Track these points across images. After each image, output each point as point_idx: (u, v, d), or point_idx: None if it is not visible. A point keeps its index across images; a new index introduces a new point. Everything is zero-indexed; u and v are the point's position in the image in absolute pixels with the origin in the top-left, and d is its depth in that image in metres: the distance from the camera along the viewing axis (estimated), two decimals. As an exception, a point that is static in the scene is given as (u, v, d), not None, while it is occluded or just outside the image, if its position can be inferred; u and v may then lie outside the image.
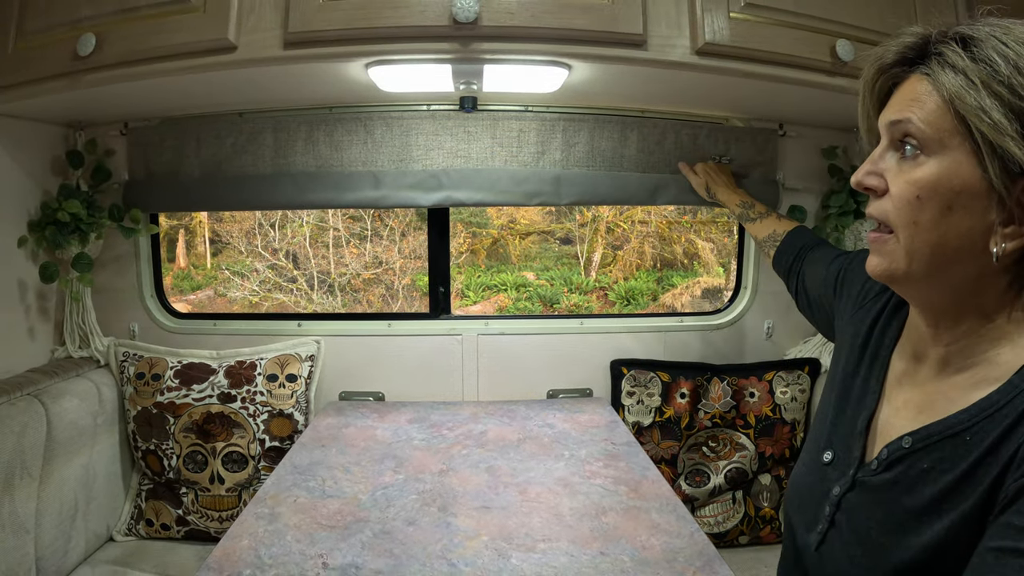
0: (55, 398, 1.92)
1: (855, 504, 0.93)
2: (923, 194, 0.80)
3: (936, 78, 0.80)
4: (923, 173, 0.80)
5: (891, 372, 1.01)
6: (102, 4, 1.67)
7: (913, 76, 0.84)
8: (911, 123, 0.81)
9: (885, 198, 0.85)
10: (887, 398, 0.99)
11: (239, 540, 1.34)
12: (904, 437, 0.88)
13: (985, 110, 0.75)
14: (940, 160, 0.79)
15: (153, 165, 2.25)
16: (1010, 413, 0.76)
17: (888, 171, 0.85)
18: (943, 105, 0.79)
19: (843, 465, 0.98)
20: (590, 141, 2.24)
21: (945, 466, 0.81)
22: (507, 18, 1.54)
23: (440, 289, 2.44)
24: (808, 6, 1.71)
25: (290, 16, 1.56)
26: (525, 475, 1.67)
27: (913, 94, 0.83)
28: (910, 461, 0.86)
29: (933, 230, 0.81)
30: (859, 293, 1.17)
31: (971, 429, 0.80)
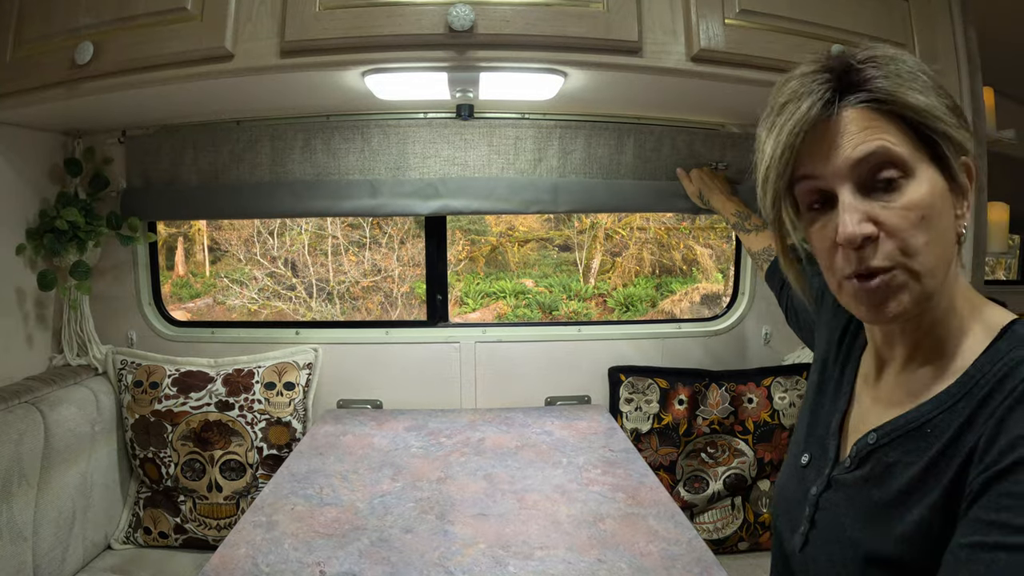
0: (53, 406, 1.92)
1: (831, 503, 0.95)
2: (926, 212, 0.80)
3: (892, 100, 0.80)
4: (916, 194, 0.80)
5: (860, 373, 1.04)
6: (100, 12, 1.68)
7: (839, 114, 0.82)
8: (889, 149, 0.80)
9: (882, 241, 0.81)
10: (857, 398, 1.02)
11: (237, 548, 1.34)
12: (870, 433, 0.91)
13: (939, 111, 0.79)
14: (918, 176, 0.80)
15: (151, 173, 2.25)
16: (967, 405, 0.79)
17: (873, 212, 0.81)
18: (898, 123, 0.80)
19: (819, 466, 1.00)
20: (587, 148, 2.25)
21: (910, 459, 0.83)
22: (502, 26, 1.55)
23: (438, 297, 2.44)
24: (803, 12, 1.72)
25: (287, 25, 1.57)
26: (523, 482, 1.66)
27: (860, 125, 0.81)
28: (877, 456, 0.88)
29: (938, 241, 0.81)
30: (834, 302, 1.13)
31: (932, 422, 0.82)
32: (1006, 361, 0.78)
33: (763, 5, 1.69)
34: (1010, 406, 0.74)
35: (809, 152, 0.83)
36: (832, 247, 0.84)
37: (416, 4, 1.54)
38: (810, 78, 0.83)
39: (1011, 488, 0.70)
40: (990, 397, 0.77)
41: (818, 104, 0.81)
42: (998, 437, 0.73)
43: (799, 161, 0.84)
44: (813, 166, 0.83)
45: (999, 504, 0.70)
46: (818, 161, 0.83)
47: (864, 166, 0.80)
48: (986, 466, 0.73)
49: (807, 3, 1.73)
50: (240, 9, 1.60)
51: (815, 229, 0.87)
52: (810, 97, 0.82)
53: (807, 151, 0.83)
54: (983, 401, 0.78)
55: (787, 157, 0.83)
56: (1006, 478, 0.71)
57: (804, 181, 0.85)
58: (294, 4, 1.57)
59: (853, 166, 0.80)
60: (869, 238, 0.80)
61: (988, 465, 0.73)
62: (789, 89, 0.85)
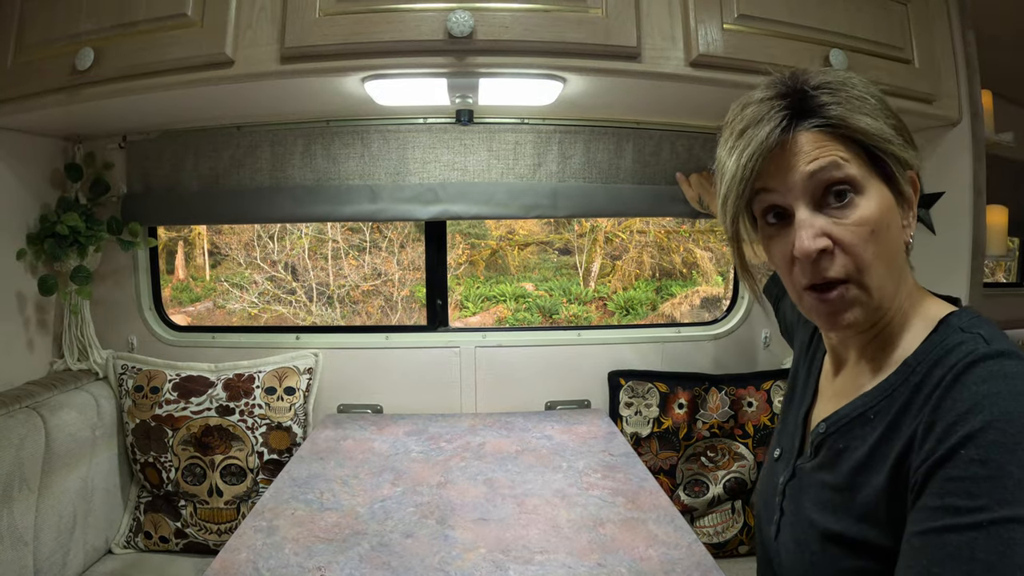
0: (54, 410, 1.92)
1: (795, 490, 1.02)
2: (876, 227, 0.86)
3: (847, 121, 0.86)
4: (867, 210, 0.86)
5: (824, 370, 1.11)
6: (101, 18, 1.69)
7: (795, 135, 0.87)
8: (839, 166, 0.86)
9: (835, 254, 0.87)
10: (820, 394, 1.10)
11: (237, 553, 1.34)
12: (820, 423, 0.99)
13: (886, 133, 0.87)
14: (868, 193, 0.87)
15: (151, 178, 2.26)
16: (904, 391, 0.86)
17: (827, 228, 0.86)
18: (848, 143, 0.87)
19: (787, 458, 1.08)
20: (586, 153, 2.25)
21: (856, 444, 0.91)
22: (501, 32, 1.55)
23: (438, 302, 2.44)
24: (801, 16, 1.73)
25: (287, 31, 1.58)
26: (523, 487, 1.67)
27: (814, 145, 0.87)
28: (829, 444, 0.96)
29: (885, 253, 0.88)
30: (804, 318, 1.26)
31: (873, 408, 0.90)
32: (939, 349, 0.85)
33: (761, 10, 1.69)
34: (942, 393, 0.79)
35: (767, 171, 0.89)
36: (790, 260, 0.90)
37: (415, 10, 1.55)
38: (767, 105, 0.89)
39: (952, 473, 0.74)
40: (924, 383, 0.83)
41: (776, 131, 0.87)
42: (935, 424, 0.78)
43: (758, 177, 0.89)
44: (771, 182, 0.89)
45: (943, 489, 0.74)
46: (776, 178, 0.88)
47: (817, 181, 0.86)
48: (926, 455, 0.78)
49: (805, 8, 1.73)
50: (240, 15, 1.61)
51: (774, 243, 0.93)
52: (768, 124, 0.87)
53: (765, 170, 0.89)
54: (918, 387, 0.84)
55: (747, 179, 0.88)
56: (947, 464, 0.75)
57: (762, 194, 0.91)
58: (294, 10, 1.58)
59: (807, 180, 0.86)
60: (824, 251, 0.86)
61: (928, 454, 0.78)
62: (748, 114, 0.90)
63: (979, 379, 0.77)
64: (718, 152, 0.97)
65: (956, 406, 0.77)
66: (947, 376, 0.80)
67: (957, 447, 0.75)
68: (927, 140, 2.06)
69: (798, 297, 0.93)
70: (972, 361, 0.79)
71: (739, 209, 0.92)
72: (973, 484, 0.72)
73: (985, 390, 0.76)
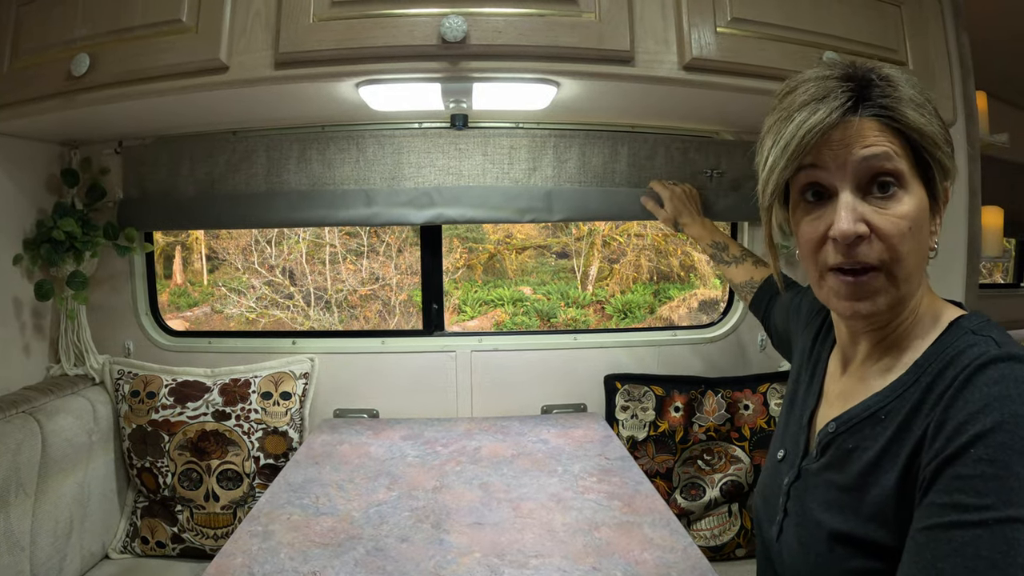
0: (50, 415, 1.92)
1: (801, 490, 1.02)
2: (913, 225, 0.88)
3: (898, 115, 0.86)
4: (909, 206, 0.87)
5: (829, 370, 1.12)
6: (96, 24, 1.70)
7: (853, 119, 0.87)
8: (891, 159, 0.86)
9: (872, 241, 0.87)
10: (825, 395, 1.10)
11: (233, 558, 1.34)
12: (830, 423, 0.99)
13: (937, 136, 0.88)
14: (910, 190, 0.88)
15: (147, 183, 2.26)
16: (915, 392, 0.86)
17: (867, 215, 0.87)
18: (902, 140, 0.88)
19: (792, 459, 1.08)
20: (581, 157, 2.26)
21: (867, 444, 0.91)
22: (495, 36, 1.56)
23: (433, 306, 2.44)
24: (795, 19, 1.73)
25: (281, 37, 1.58)
26: (518, 491, 1.67)
27: (868, 133, 0.87)
28: (837, 443, 0.96)
29: (917, 252, 0.89)
30: (808, 313, 1.29)
31: (884, 408, 0.90)
32: (950, 350, 0.86)
33: (755, 13, 1.70)
34: (954, 393, 0.80)
35: (820, 146, 0.89)
36: (821, 239, 0.91)
37: (409, 15, 1.55)
38: (833, 83, 0.89)
39: (961, 471, 0.76)
40: (935, 384, 0.84)
41: (840, 110, 0.87)
42: (945, 423, 0.79)
43: (808, 152, 0.89)
44: (821, 159, 0.89)
45: (951, 487, 0.76)
46: (826, 156, 0.88)
47: (867, 167, 0.87)
48: (935, 452, 0.79)
49: (799, 11, 1.74)
50: (235, 21, 1.61)
51: (806, 220, 0.93)
52: (834, 101, 0.87)
53: (818, 145, 0.88)
54: (929, 387, 0.85)
55: (801, 151, 0.89)
56: (955, 462, 0.76)
57: (807, 170, 0.91)
58: (288, 16, 1.58)
59: (859, 164, 0.87)
60: (861, 237, 0.86)
61: (937, 452, 0.79)
62: (812, 88, 0.90)
63: (990, 380, 0.78)
64: (766, 121, 0.97)
65: (967, 406, 0.78)
66: (959, 376, 0.81)
67: (967, 446, 0.76)
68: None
69: (819, 277, 0.94)
70: (984, 363, 0.80)
71: (784, 180, 0.93)
72: (981, 483, 0.74)
73: (996, 392, 0.77)
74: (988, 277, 5.74)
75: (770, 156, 0.94)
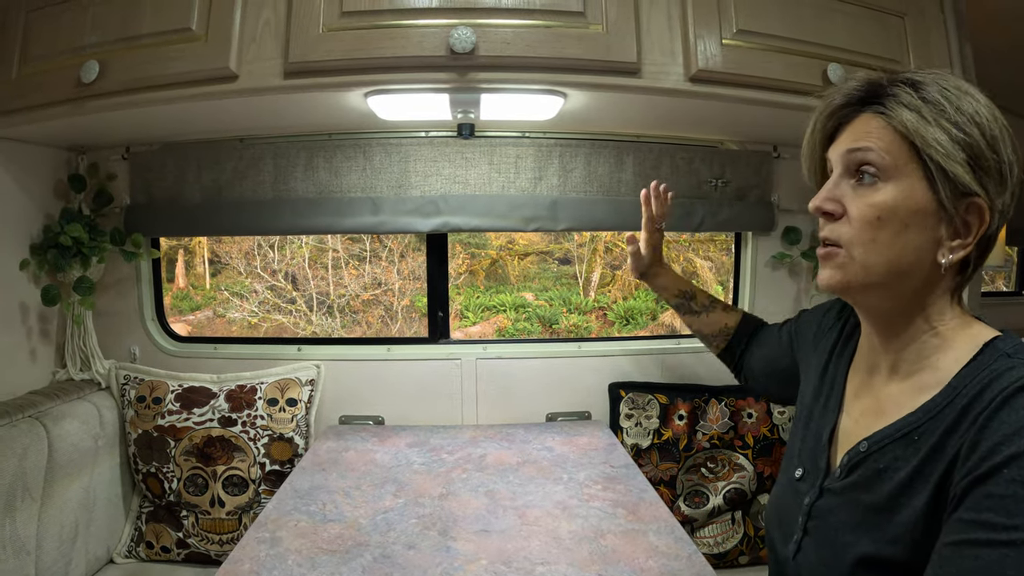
0: (56, 420, 1.93)
1: (823, 510, 1.02)
2: (883, 215, 0.92)
3: (893, 115, 0.92)
4: (883, 196, 0.92)
5: (848, 388, 1.13)
6: (106, 31, 1.70)
7: (864, 114, 0.96)
8: (871, 151, 0.93)
9: (841, 221, 0.95)
10: (846, 411, 1.10)
11: (241, 564, 1.34)
12: (861, 442, 0.98)
13: (938, 141, 0.89)
14: (897, 185, 0.92)
15: (154, 190, 2.27)
16: (950, 413, 0.86)
17: (844, 197, 0.96)
18: (898, 137, 0.92)
19: (812, 477, 1.07)
20: (587, 166, 2.27)
21: (899, 465, 0.91)
22: (503, 48, 1.57)
23: (439, 314, 2.45)
24: (799, 31, 1.74)
25: (290, 46, 1.59)
26: (524, 498, 1.67)
27: (868, 128, 0.95)
28: (868, 463, 0.96)
29: (891, 246, 0.92)
30: (815, 335, 1.30)
31: (918, 429, 0.90)
32: (987, 373, 0.86)
33: (760, 25, 1.71)
34: (990, 414, 0.81)
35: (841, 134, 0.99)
36: None
37: (418, 26, 1.57)
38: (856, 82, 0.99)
39: (992, 490, 0.76)
40: (971, 405, 0.84)
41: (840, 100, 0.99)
42: (979, 443, 0.80)
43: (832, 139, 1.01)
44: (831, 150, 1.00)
45: (982, 505, 0.77)
46: (834, 146, 1.00)
47: (851, 158, 0.95)
48: (968, 470, 0.80)
49: (803, 22, 1.75)
50: (244, 30, 1.62)
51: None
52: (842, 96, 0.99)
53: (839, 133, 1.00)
54: (965, 409, 0.85)
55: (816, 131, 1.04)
56: (987, 481, 0.77)
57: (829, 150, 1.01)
58: (298, 26, 1.59)
59: (843, 154, 0.96)
60: (830, 214, 0.96)
61: (970, 469, 0.80)
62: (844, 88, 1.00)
63: None
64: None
65: (1002, 427, 0.79)
66: (996, 399, 0.81)
67: (1000, 466, 0.77)
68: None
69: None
70: (1022, 386, 0.80)
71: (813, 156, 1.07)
72: (1013, 503, 0.74)
73: None
74: (991, 284, 5.75)
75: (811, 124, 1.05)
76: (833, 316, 1.27)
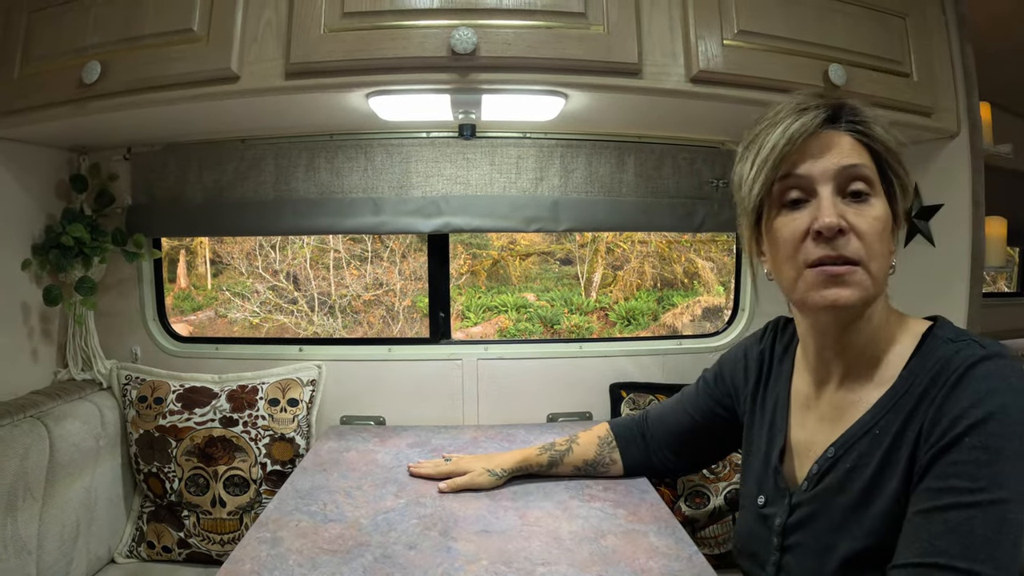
0: (58, 420, 1.93)
1: (799, 524, 1.06)
2: (883, 228, 0.98)
3: (873, 133, 0.99)
4: (879, 211, 0.98)
5: (793, 405, 1.18)
6: (107, 32, 1.71)
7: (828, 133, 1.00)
8: (865, 167, 0.98)
9: (850, 237, 0.96)
10: (796, 426, 1.16)
11: (242, 564, 1.34)
12: (829, 448, 1.04)
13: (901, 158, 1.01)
14: (878, 199, 0.99)
15: (156, 190, 2.28)
16: (907, 402, 0.94)
17: (845, 213, 0.96)
18: (871, 154, 1.00)
19: (776, 500, 1.13)
20: (588, 167, 2.27)
21: (866, 461, 0.98)
22: (504, 49, 1.57)
23: (440, 314, 2.45)
24: (800, 32, 1.74)
25: (292, 47, 1.59)
26: (524, 499, 1.67)
27: (843, 146, 0.99)
28: (838, 467, 1.02)
29: (886, 256, 0.99)
30: (742, 374, 1.37)
31: (879, 423, 0.97)
32: (936, 359, 0.94)
33: (761, 26, 1.71)
34: (946, 393, 0.89)
35: (800, 154, 0.99)
36: (802, 235, 0.98)
37: (419, 27, 1.57)
38: (812, 100, 1.02)
39: (955, 457, 0.85)
40: (927, 391, 0.92)
41: (818, 120, 0.99)
42: (939, 420, 0.88)
43: (789, 162, 1.00)
44: (803, 166, 0.99)
45: (947, 472, 0.85)
46: (808, 162, 0.99)
47: (847, 175, 0.97)
48: (931, 445, 0.88)
49: (804, 23, 1.75)
50: (246, 31, 1.63)
51: (786, 221, 1.02)
52: (813, 113, 1.00)
53: (799, 153, 1.00)
54: (922, 396, 0.93)
55: (785, 153, 0.99)
56: (951, 450, 0.85)
57: (787, 179, 1.01)
58: (299, 26, 1.59)
59: (840, 171, 0.97)
60: (842, 231, 0.95)
61: (933, 444, 0.87)
62: (791, 105, 1.03)
63: (980, 377, 0.87)
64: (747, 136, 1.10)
65: (960, 402, 0.87)
66: (950, 379, 0.89)
67: (961, 435, 0.85)
68: (926, 153, 2.07)
69: (797, 276, 1.00)
70: (973, 363, 0.88)
71: (772, 178, 1.02)
72: (975, 468, 0.83)
73: (986, 386, 0.86)
74: (992, 285, 5.74)
75: (757, 160, 1.03)
76: (754, 353, 1.35)
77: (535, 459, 1.73)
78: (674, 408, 1.62)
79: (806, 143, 0.99)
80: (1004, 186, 2.38)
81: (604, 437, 1.73)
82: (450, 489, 1.67)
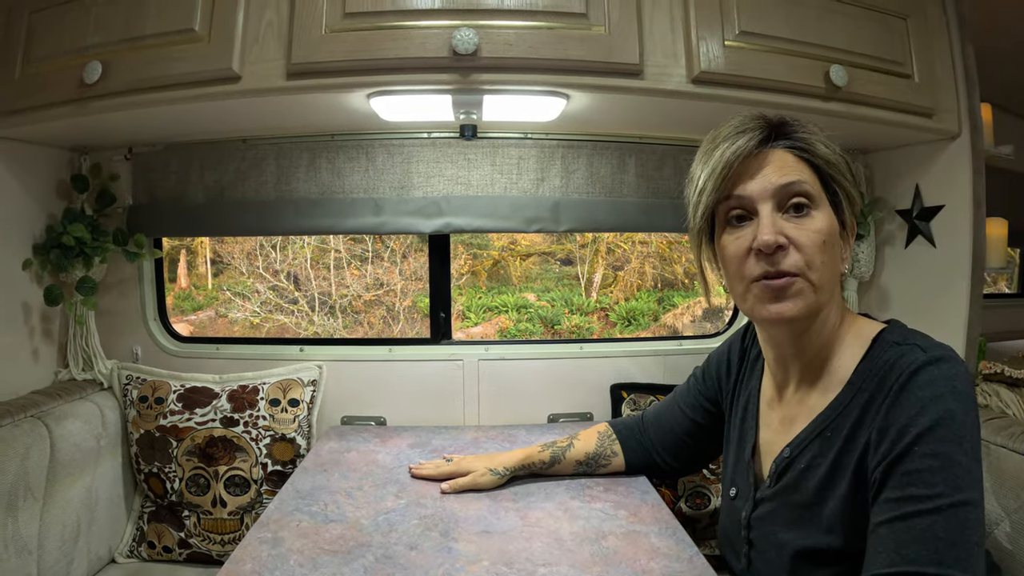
0: (59, 420, 1.93)
1: (760, 518, 1.13)
2: (827, 239, 1.01)
3: (814, 149, 1.05)
4: (821, 223, 1.02)
5: (762, 404, 1.24)
6: (109, 32, 1.71)
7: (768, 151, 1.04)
8: (805, 183, 1.02)
9: (791, 251, 1.00)
10: (765, 425, 1.21)
11: (243, 564, 1.34)
12: (784, 449, 1.10)
13: (840, 171, 1.06)
14: (822, 211, 1.03)
15: (157, 190, 2.28)
16: (855, 407, 0.99)
17: (785, 229, 1.01)
18: (813, 169, 1.05)
19: (745, 493, 1.19)
20: (589, 167, 2.27)
21: (818, 462, 1.03)
22: (505, 49, 1.57)
23: (441, 315, 2.45)
24: (802, 33, 1.74)
25: (293, 47, 1.60)
26: (526, 499, 1.67)
27: (784, 163, 1.03)
28: (793, 466, 1.07)
29: (831, 264, 1.03)
30: (726, 369, 1.43)
31: (830, 426, 1.02)
32: (881, 364, 0.98)
33: (762, 27, 1.71)
34: (892, 401, 0.92)
35: (740, 175, 1.04)
36: (745, 254, 1.03)
37: (421, 28, 1.57)
38: (750, 121, 1.07)
39: (909, 467, 0.88)
40: (874, 397, 0.96)
41: (755, 141, 1.04)
42: (888, 429, 0.91)
43: (731, 182, 1.05)
44: (743, 186, 1.04)
45: (903, 482, 0.88)
46: (748, 182, 1.03)
47: (786, 191, 1.01)
48: (882, 456, 0.91)
49: (806, 24, 1.75)
50: (247, 31, 1.63)
51: (731, 239, 1.06)
52: (750, 134, 1.04)
53: (739, 174, 1.04)
54: (868, 402, 0.97)
55: (725, 175, 1.04)
56: (903, 461, 0.89)
57: (729, 199, 1.05)
58: (300, 27, 1.59)
59: (778, 189, 1.01)
60: (781, 247, 0.99)
61: (884, 455, 0.91)
62: (731, 127, 1.08)
63: (923, 384, 0.91)
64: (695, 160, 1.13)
65: (906, 411, 0.90)
66: (894, 386, 0.93)
67: (911, 445, 0.88)
68: (927, 154, 2.08)
69: (744, 291, 1.05)
70: (914, 370, 0.92)
71: (713, 202, 1.06)
72: (929, 475, 0.86)
73: (929, 393, 0.90)
74: (993, 286, 5.73)
75: (699, 181, 1.08)
76: (737, 349, 1.40)
77: (537, 456, 1.74)
78: (669, 406, 1.64)
79: (745, 164, 1.03)
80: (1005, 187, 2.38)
81: (604, 432, 1.76)
82: (453, 490, 1.67)
